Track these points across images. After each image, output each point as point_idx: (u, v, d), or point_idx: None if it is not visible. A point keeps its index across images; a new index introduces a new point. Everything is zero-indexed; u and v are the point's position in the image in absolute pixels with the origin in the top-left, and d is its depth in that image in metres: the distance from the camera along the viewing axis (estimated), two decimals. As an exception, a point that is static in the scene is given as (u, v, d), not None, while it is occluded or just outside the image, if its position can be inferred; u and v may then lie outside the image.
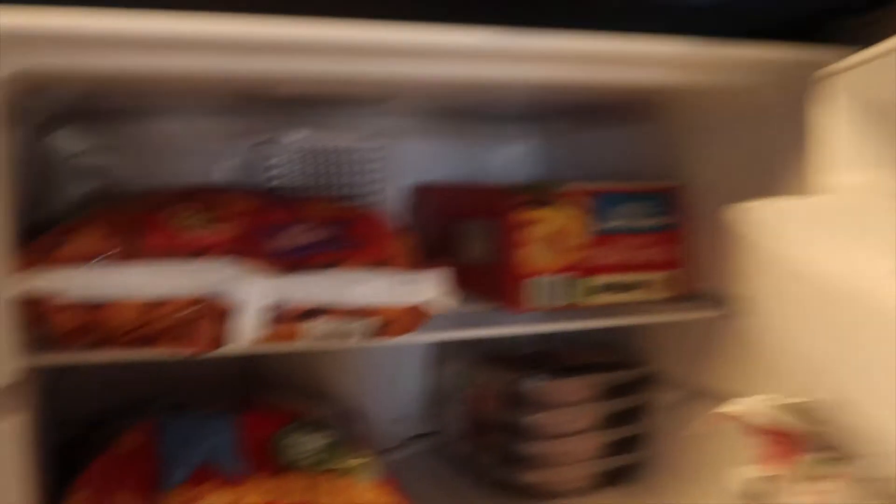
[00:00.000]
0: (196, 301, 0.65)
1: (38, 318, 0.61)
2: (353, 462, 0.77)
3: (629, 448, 0.97)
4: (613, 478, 0.96)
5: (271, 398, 0.86)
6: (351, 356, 1.06)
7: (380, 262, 0.71)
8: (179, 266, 0.65)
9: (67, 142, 0.98)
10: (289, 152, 1.02)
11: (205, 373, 1.02)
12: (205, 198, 0.72)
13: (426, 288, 0.71)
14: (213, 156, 1.02)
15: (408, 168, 1.10)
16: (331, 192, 1.03)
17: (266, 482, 0.72)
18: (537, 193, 0.83)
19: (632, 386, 0.96)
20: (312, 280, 0.69)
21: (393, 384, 1.09)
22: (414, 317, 0.71)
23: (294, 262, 0.69)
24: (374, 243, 0.72)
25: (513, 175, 1.17)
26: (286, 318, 0.68)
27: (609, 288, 0.85)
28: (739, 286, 0.82)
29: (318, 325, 0.68)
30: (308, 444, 0.77)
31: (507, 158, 1.18)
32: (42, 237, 0.62)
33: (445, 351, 1.06)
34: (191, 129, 1.02)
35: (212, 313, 0.66)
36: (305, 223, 0.72)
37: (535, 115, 1.15)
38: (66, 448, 0.85)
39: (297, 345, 0.69)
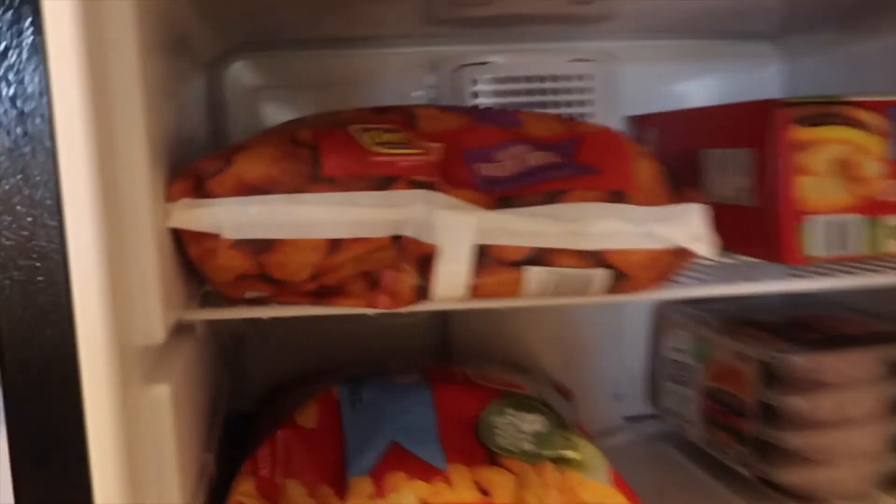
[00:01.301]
0: (390, 242, 0.51)
1: (197, 261, 0.49)
2: (576, 452, 0.60)
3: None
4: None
5: (472, 369, 0.71)
6: (562, 320, 0.89)
7: (617, 192, 0.54)
8: (368, 197, 0.50)
9: (248, 75, 0.87)
10: (494, 79, 0.86)
11: (398, 337, 0.90)
12: (401, 114, 0.57)
13: (680, 228, 0.54)
14: (409, 85, 0.89)
15: (626, 97, 0.91)
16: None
17: (470, 474, 0.57)
18: (816, 108, 0.63)
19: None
20: (533, 216, 0.53)
21: (612, 354, 0.91)
22: (662, 265, 0.54)
23: (510, 192, 0.53)
24: (611, 168, 0.55)
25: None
26: (499, 264, 0.52)
27: (913, 233, 0.64)
28: None
29: (540, 274, 0.52)
30: (520, 427, 0.62)
31: (742, 85, 0.96)
32: (201, 161, 0.49)
33: (675, 314, 0.87)
34: (384, 58, 0.89)
35: (409, 257, 0.52)
36: (523, 144, 0.56)
37: (779, 28, 0.94)
38: (245, 419, 0.75)
39: (512, 300, 0.54)
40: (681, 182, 0.58)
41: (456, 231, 0.51)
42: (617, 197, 0.54)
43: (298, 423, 0.61)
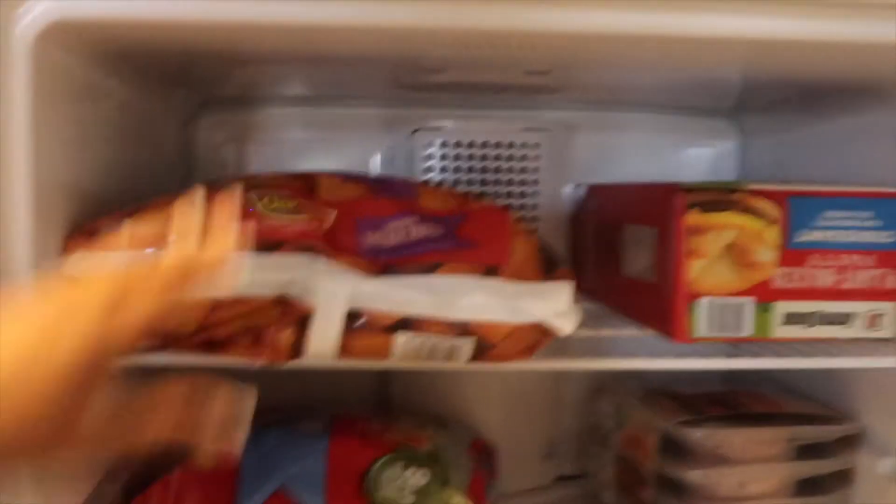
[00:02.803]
0: (273, 301, 0.56)
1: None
2: (455, 505, 0.64)
3: (824, 525, 0.76)
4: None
5: (381, 421, 0.75)
6: (502, 378, 0.92)
7: (492, 267, 0.58)
8: (254, 259, 0.55)
9: (218, 130, 0.93)
10: (447, 144, 0.90)
11: (345, 384, 0.94)
12: (305, 182, 0.62)
13: (545, 304, 0.57)
14: (367, 144, 0.94)
15: (579, 165, 0.95)
16: (489, 188, 0.91)
17: (347, 521, 0.61)
18: (715, 194, 0.66)
19: (832, 446, 0.76)
20: (408, 285, 0.57)
21: (550, 415, 0.94)
22: (527, 339, 0.58)
23: (390, 261, 0.58)
24: (489, 244, 0.59)
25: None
26: (372, 328, 0.56)
27: (803, 319, 0.67)
28: None
29: (408, 340, 0.56)
30: (406, 480, 0.66)
31: (697, 161, 0.99)
32: (100, 218, 0.55)
33: (605, 381, 0.90)
34: (345, 117, 0.94)
35: (287, 317, 0.56)
36: (411, 216, 0.60)
37: (736, 105, 0.97)
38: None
39: (385, 361, 0.58)
40: (601, 261, 0.61)
41: (331, 295, 0.55)
42: (491, 272, 0.58)
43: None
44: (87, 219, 0.57)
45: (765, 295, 0.66)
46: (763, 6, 0.52)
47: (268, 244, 0.56)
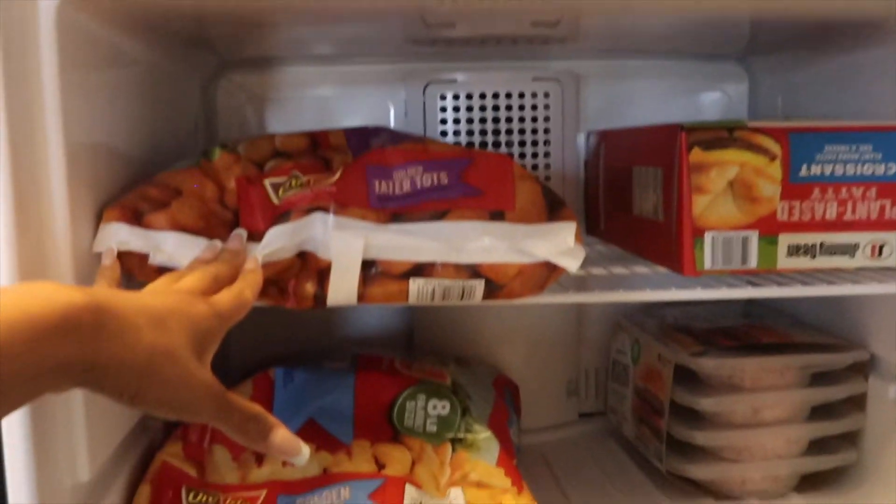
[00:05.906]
0: (294, 259, 0.60)
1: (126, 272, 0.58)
2: (471, 435, 0.68)
3: (833, 448, 0.79)
4: (811, 482, 0.80)
5: (403, 358, 0.79)
6: (525, 319, 0.95)
7: (497, 212, 0.61)
8: (275, 233, 0.59)
9: (237, 89, 0.96)
10: (459, 96, 0.93)
11: (373, 325, 0.99)
12: (311, 155, 0.66)
13: (549, 244, 0.60)
14: (383, 99, 0.97)
15: (590, 114, 0.98)
16: (501, 137, 0.94)
17: (371, 449, 0.66)
18: (717, 132, 0.68)
19: (840, 373, 0.78)
20: (418, 233, 0.60)
21: (571, 354, 0.98)
22: (535, 277, 0.61)
23: (399, 210, 0.61)
24: (493, 190, 0.62)
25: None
26: (387, 275, 0.60)
27: (807, 251, 0.69)
28: None
29: (422, 285, 0.60)
30: (428, 411, 0.70)
31: (708, 105, 1.01)
32: (139, 196, 0.59)
33: (623, 319, 0.93)
34: (360, 74, 0.97)
35: (308, 271, 0.60)
36: (417, 164, 0.63)
37: (744, 49, 0.98)
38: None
39: (405, 302, 0.61)
40: (614, 204, 0.64)
41: (344, 248, 0.59)
42: (496, 216, 0.61)
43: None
44: (116, 180, 0.61)
45: (769, 228, 0.68)
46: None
47: (281, 216, 0.60)
